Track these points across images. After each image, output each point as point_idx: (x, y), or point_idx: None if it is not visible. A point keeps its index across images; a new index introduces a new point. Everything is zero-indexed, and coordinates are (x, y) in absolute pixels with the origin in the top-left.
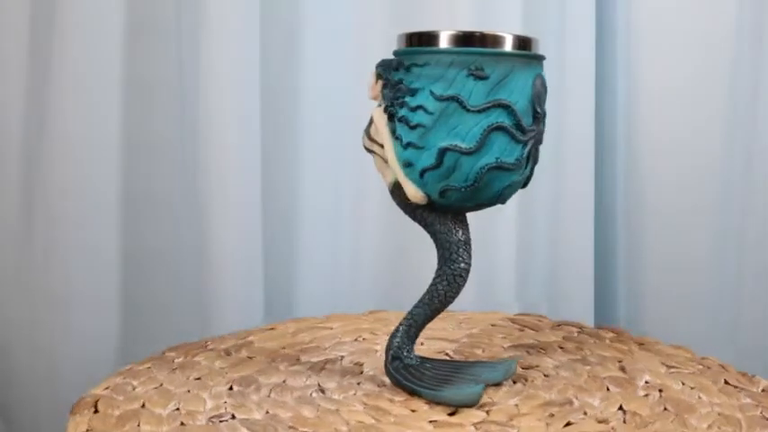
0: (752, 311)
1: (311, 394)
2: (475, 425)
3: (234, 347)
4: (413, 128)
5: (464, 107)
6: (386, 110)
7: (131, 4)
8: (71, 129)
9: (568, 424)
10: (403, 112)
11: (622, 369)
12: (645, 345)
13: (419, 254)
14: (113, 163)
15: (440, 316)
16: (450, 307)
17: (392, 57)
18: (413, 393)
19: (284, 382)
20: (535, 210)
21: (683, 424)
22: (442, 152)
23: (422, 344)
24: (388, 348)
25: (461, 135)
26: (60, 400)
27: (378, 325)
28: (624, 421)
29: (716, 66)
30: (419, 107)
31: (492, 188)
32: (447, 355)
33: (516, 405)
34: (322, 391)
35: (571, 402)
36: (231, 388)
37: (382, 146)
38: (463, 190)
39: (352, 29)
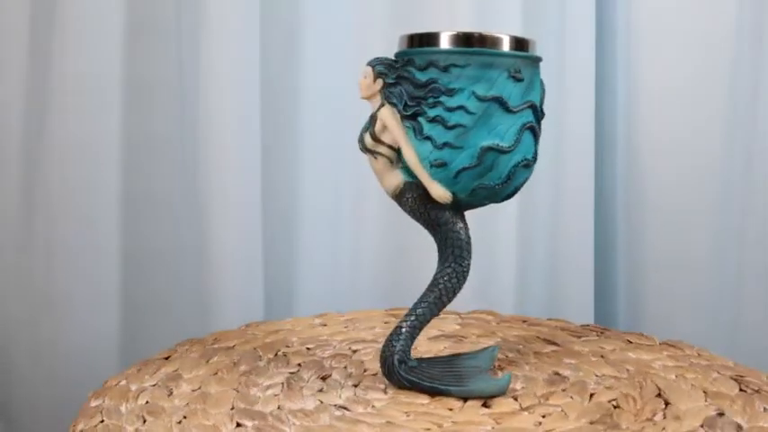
0: (752, 311)
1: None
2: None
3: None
4: (450, 128)
5: (506, 108)
6: (405, 108)
7: (131, 4)
8: (71, 128)
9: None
10: (437, 111)
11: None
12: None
13: (419, 254)
14: (113, 163)
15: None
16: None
17: (392, 56)
18: (436, 393)
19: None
20: (536, 209)
21: None
22: (484, 151)
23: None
24: (391, 353)
25: (501, 135)
26: (60, 400)
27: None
28: None
29: (716, 66)
30: (460, 107)
31: (514, 184)
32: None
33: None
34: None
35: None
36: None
37: (390, 147)
38: (496, 188)
39: (352, 29)
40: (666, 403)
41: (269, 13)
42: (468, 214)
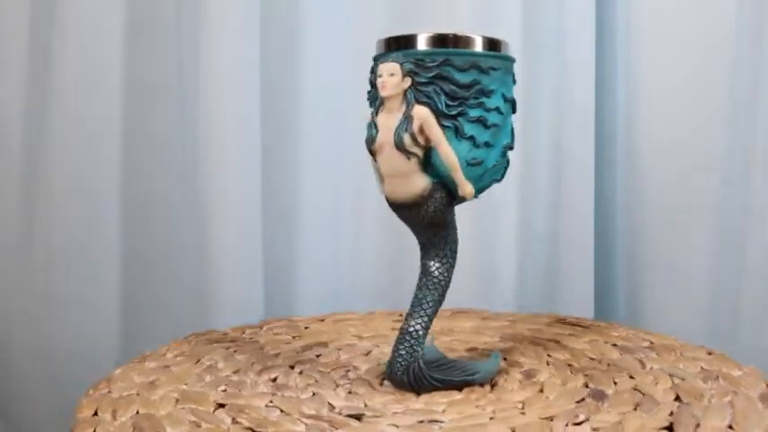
0: (752, 312)
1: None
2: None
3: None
4: (488, 128)
5: (514, 108)
6: (448, 108)
7: (131, 4)
8: (71, 129)
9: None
10: (479, 112)
11: None
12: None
13: (419, 253)
14: (113, 163)
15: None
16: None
17: (424, 54)
18: (464, 385)
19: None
20: (535, 208)
21: None
22: (506, 149)
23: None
24: (415, 358)
25: (509, 133)
26: (60, 400)
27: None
28: None
29: (716, 66)
30: (495, 108)
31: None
32: None
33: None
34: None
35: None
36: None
37: (424, 147)
38: (498, 181)
39: (352, 29)
40: None
41: (269, 13)
42: (468, 215)
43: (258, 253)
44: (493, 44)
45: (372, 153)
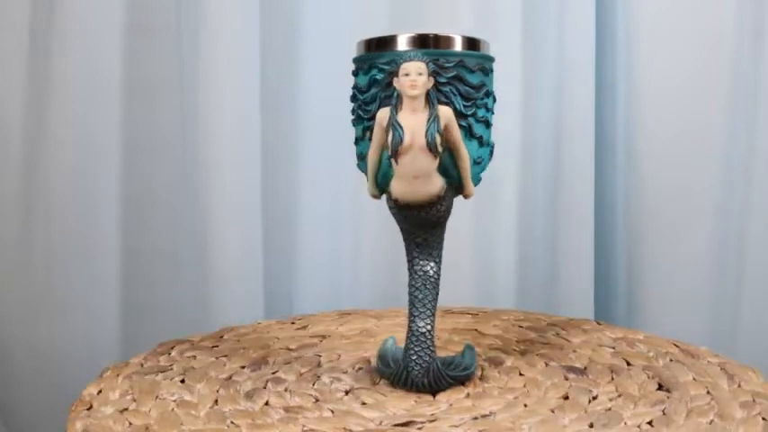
0: (752, 313)
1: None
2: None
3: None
4: (488, 127)
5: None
6: (466, 109)
7: (131, 4)
8: (71, 128)
9: None
10: (483, 112)
11: None
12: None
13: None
14: (113, 163)
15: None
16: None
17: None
18: (468, 380)
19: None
20: (535, 210)
21: None
22: (493, 147)
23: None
24: (433, 359)
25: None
26: (60, 400)
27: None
28: None
29: (716, 66)
30: (492, 108)
31: None
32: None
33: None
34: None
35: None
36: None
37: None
38: (479, 178)
39: (352, 29)
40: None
41: (269, 13)
42: (468, 215)
43: (258, 253)
44: (478, 45)
45: (396, 155)
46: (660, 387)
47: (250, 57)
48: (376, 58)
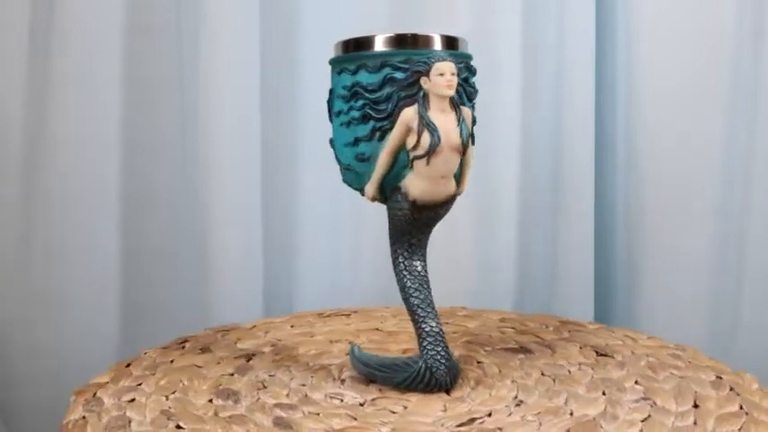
0: (752, 313)
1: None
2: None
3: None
4: (475, 125)
5: None
6: (473, 109)
7: (131, 4)
8: (71, 128)
9: None
10: (474, 111)
11: None
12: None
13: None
14: (113, 163)
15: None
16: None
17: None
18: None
19: None
20: (535, 209)
21: None
22: None
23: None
24: (451, 355)
25: None
26: (60, 400)
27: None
28: None
29: (716, 66)
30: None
31: None
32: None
33: None
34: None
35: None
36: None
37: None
38: None
39: (351, 29)
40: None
41: (269, 13)
42: (468, 215)
43: (258, 253)
44: (465, 45)
45: (430, 155)
46: None
47: (250, 57)
48: (390, 56)
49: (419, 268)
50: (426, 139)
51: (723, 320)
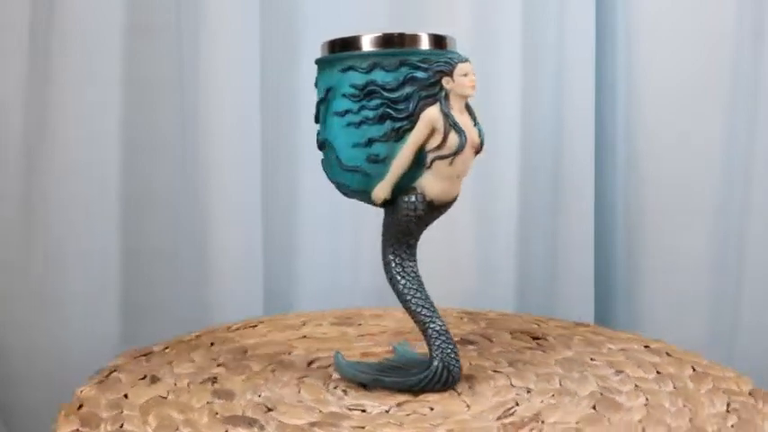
0: (752, 313)
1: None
2: None
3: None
4: None
5: None
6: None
7: (131, 4)
8: (71, 128)
9: None
10: None
11: None
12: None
13: (419, 251)
14: (113, 163)
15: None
16: (451, 305)
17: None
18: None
19: None
20: (535, 209)
21: None
22: None
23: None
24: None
25: None
26: (60, 401)
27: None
28: None
29: (716, 66)
30: None
31: None
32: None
33: None
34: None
35: None
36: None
37: None
38: None
39: (351, 29)
40: None
41: (269, 13)
42: (468, 216)
43: (258, 253)
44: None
45: (455, 155)
46: None
47: (250, 57)
48: (409, 54)
49: (414, 269)
50: (454, 139)
51: (723, 320)
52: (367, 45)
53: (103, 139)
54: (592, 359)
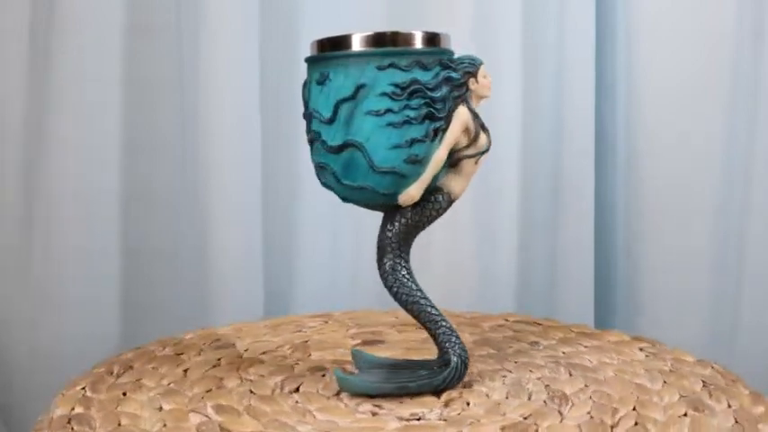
0: (752, 313)
1: None
2: None
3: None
4: None
5: None
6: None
7: (131, 4)
8: (71, 128)
9: None
10: None
11: None
12: None
13: (419, 251)
14: (113, 163)
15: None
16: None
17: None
18: None
19: None
20: (535, 210)
21: None
22: None
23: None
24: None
25: None
26: None
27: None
28: None
29: (716, 66)
30: None
31: None
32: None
33: None
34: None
35: None
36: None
37: None
38: None
39: (351, 29)
40: None
41: (269, 13)
42: (469, 215)
43: (258, 253)
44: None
45: (482, 155)
46: None
47: (250, 57)
48: (441, 54)
49: (409, 268)
50: (483, 139)
51: (723, 320)
52: (411, 42)
53: (103, 139)
54: (590, 361)
